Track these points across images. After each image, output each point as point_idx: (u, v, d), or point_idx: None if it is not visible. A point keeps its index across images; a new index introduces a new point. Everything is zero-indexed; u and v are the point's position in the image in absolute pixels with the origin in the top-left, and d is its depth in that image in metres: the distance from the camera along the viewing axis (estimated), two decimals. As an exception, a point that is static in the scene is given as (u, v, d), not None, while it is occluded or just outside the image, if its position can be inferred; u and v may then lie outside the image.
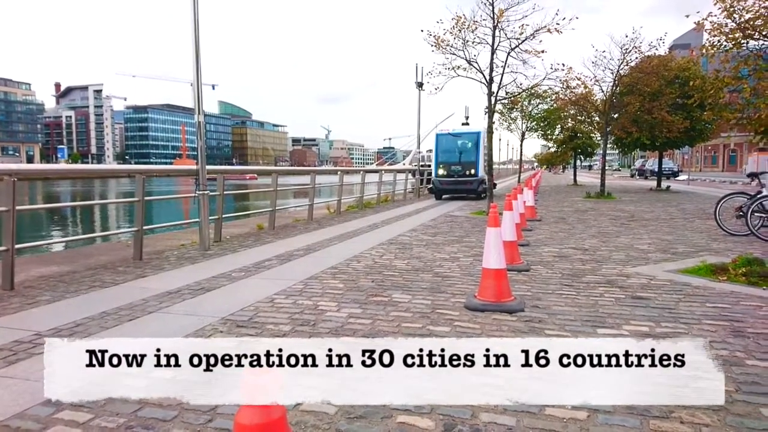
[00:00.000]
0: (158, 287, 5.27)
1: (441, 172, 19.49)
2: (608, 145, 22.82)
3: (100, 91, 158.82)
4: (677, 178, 38.95)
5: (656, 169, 27.78)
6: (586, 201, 17.96)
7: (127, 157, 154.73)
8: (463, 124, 20.46)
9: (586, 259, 6.75)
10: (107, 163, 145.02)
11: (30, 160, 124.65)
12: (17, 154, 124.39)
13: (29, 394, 2.75)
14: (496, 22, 12.01)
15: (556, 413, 2.53)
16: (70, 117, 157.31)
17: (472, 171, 18.95)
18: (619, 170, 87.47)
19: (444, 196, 19.90)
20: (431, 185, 20.41)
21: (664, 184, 25.79)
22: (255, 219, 12.22)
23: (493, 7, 11.91)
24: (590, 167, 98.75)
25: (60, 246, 12.04)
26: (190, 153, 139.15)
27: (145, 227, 7.15)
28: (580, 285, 5.25)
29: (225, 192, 9.09)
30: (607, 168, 21.80)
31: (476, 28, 12.25)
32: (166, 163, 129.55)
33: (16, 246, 5.38)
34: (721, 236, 8.72)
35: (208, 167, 8.10)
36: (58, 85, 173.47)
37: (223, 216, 9.03)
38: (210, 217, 8.00)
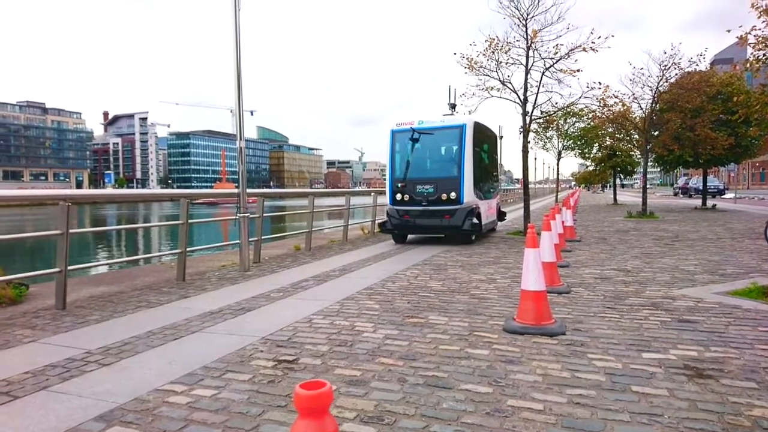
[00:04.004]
0: (200, 307, 5.42)
1: (399, 196, 11.16)
2: (649, 163, 22.22)
3: (145, 118, 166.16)
4: (723, 196, 37.44)
5: (700, 187, 26.83)
6: (627, 221, 17.48)
7: (169, 181, 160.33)
8: (445, 115, 12.09)
9: (629, 280, 6.56)
10: (151, 187, 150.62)
11: (79, 185, 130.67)
12: (67, 179, 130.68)
13: (82, 410, 2.87)
14: (529, 42, 12.01)
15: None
16: (117, 143, 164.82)
17: (453, 194, 10.72)
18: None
19: (410, 237, 12.05)
20: (385, 219, 11.58)
21: (710, 202, 24.84)
22: (292, 240, 12.43)
23: (526, 28, 11.94)
24: (623, 186, 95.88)
25: (106, 267, 12.52)
26: (230, 177, 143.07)
27: (188, 249, 7.39)
28: (624, 307, 5.10)
29: (264, 214, 9.30)
30: (649, 186, 21.18)
31: (509, 49, 12.27)
32: (206, 187, 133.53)
33: (68, 268, 5.65)
34: (773, 257, 8.33)
35: (248, 190, 8.35)
36: (106, 114, 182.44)
37: (262, 237, 9.24)
38: (249, 239, 8.20)
